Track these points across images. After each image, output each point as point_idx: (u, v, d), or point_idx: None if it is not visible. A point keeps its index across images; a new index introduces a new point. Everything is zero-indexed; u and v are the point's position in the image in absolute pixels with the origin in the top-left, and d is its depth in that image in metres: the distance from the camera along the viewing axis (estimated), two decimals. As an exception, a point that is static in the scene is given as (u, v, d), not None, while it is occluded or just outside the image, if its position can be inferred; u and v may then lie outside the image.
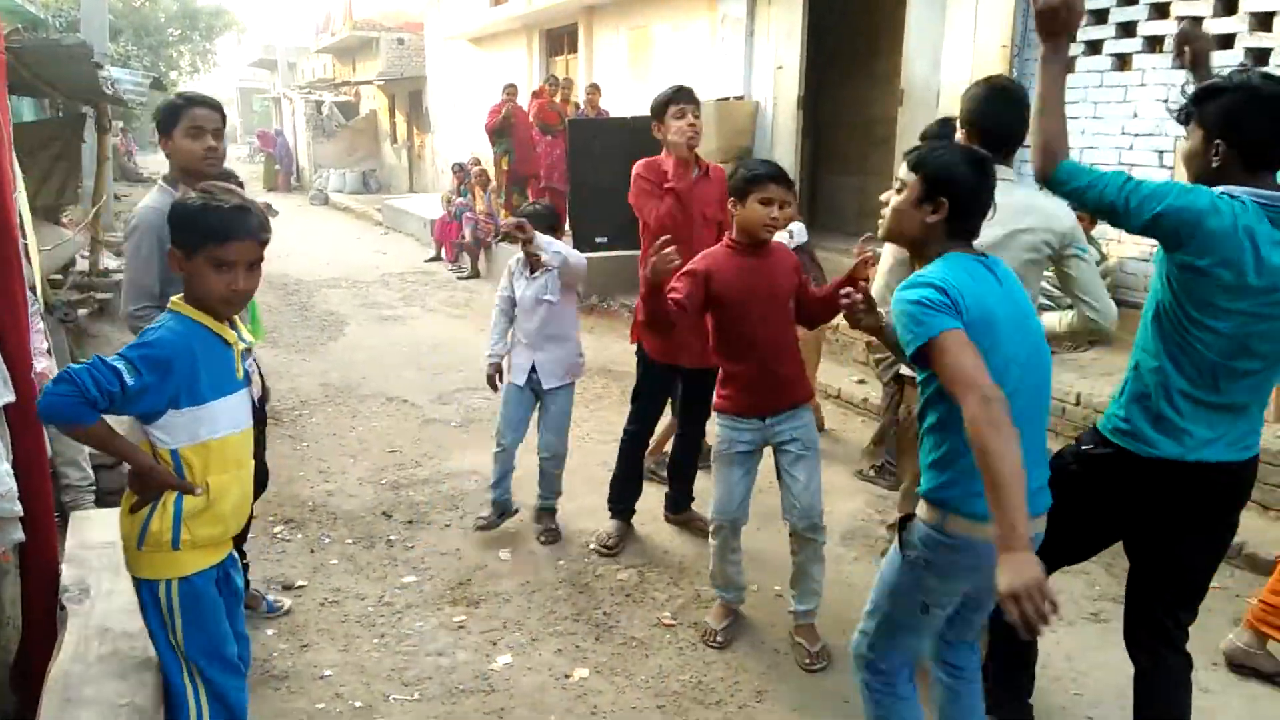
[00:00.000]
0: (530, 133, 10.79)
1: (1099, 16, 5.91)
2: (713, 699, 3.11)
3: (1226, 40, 5.21)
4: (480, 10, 16.10)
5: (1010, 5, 6.32)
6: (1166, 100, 2.41)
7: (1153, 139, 5.61)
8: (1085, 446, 2.49)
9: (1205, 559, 2.45)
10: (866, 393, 6.13)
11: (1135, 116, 5.67)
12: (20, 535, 2.17)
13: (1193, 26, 2.73)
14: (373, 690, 3.15)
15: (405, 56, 23.06)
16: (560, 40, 14.51)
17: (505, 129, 10.67)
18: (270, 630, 3.47)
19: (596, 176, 9.39)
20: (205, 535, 2.18)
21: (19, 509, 2.12)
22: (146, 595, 2.19)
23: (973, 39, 6.63)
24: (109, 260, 8.55)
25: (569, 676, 3.23)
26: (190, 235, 2.14)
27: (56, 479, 3.77)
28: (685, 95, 3.90)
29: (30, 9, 12.89)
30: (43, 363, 3.00)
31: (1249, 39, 5.06)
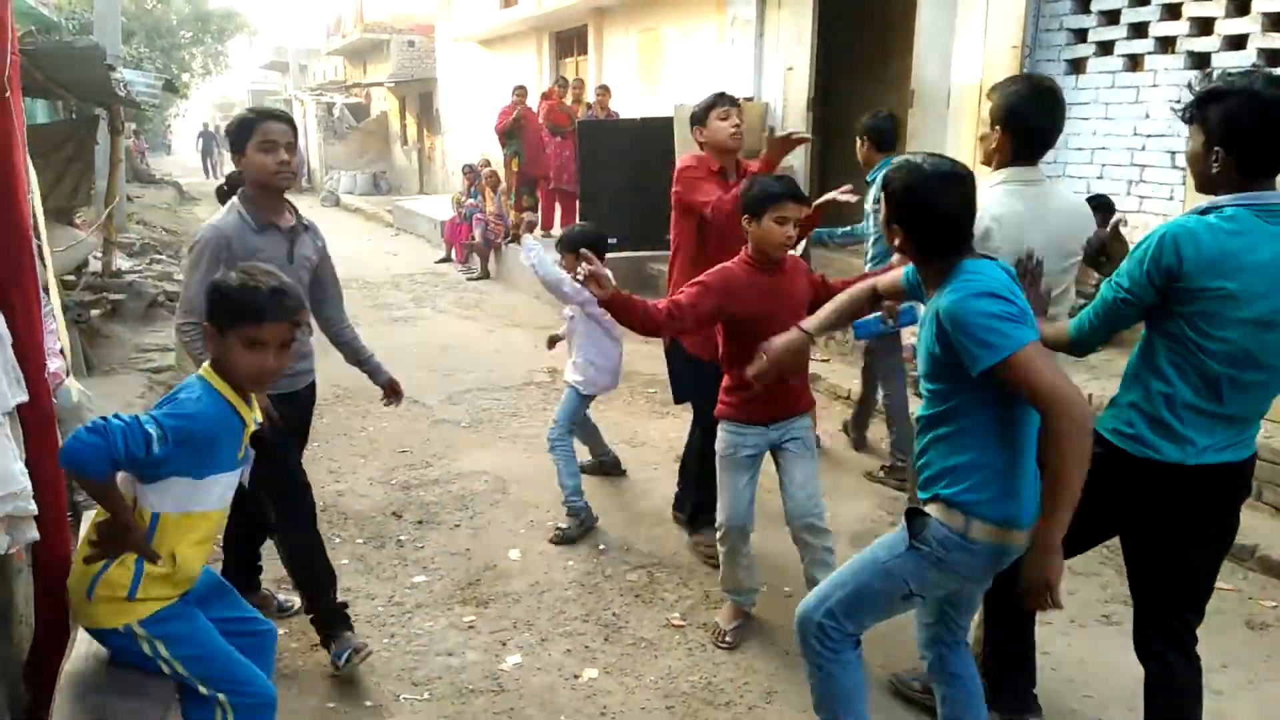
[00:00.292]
0: (540, 134, 10.80)
1: (1111, 18, 5.89)
2: (722, 700, 3.11)
3: (1239, 41, 5.18)
4: (490, 12, 16.14)
5: (1021, 6, 6.30)
6: (1177, 101, 2.39)
7: (1165, 140, 5.58)
8: None
9: (1205, 558, 2.42)
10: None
11: (1147, 118, 5.65)
12: (34, 534, 2.18)
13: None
14: (383, 689, 3.16)
15: (416, 58, 23.12)
16: (570, 42, 14.53)
17: (515, 131, 10.69)
18: (281, 630, 3.47)
19: (606, 178, 9.40)
20: (159, 594, 2.18)
21: (33, 508, 2.12)
22: (113, 642, 2.20)
23: (983, 40, 6.61)
24: (122, 261, 8.60)
25: (578, 677, 3.24)
26: (226, 314, 2.15)
27: (69, 480, 3.79)
28: (729, 99, 3.95)
29: (44, 12, 12.97)
30: (56, 363, 3.02)
31: (1261, 39, 5.03)
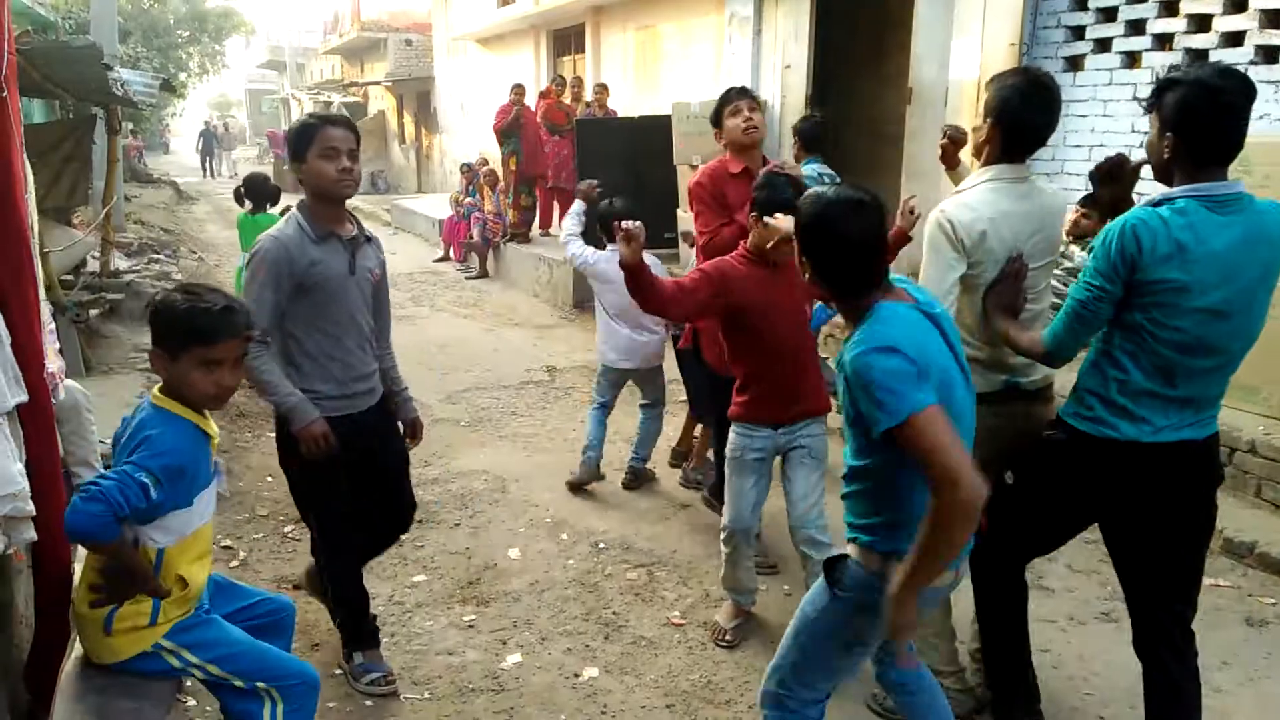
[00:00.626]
0: (538, 133, 10.79)
1: (1108, 14, 5.89)
2: (722, 698, 3.11)
3: (1236, 38, 5.18)
4: (488, 11, 16.12)
5: (1019, 4, 6.29)
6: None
7: (1163, 137, 5.59)
8: (1047, 433, 2.53)
9: (1184, 545, 2.41)
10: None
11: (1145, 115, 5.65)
12: (33, 535, 2.17)
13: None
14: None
15: (413, 57, 23.09)
16: (568, 40, 14.51)
17: (513, 129, 10.67)
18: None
19: (604, 176, 9.33)
20: (177, 613, 2.22)
21: (32, 509, 2.12)
22: (137, 666, 2.20)
23: (981, 38, 6.61)
24: (120, 261, 8.59)
25: (578, 676, 3.24)
26: (177, 337, 2.14)
27: (69, 479, 3.78)
28: (739, 93, 3.80)
29: (40, 11, 12.96)
30: (54, 363, 3.01)
31: (1259, 36, 5.03)
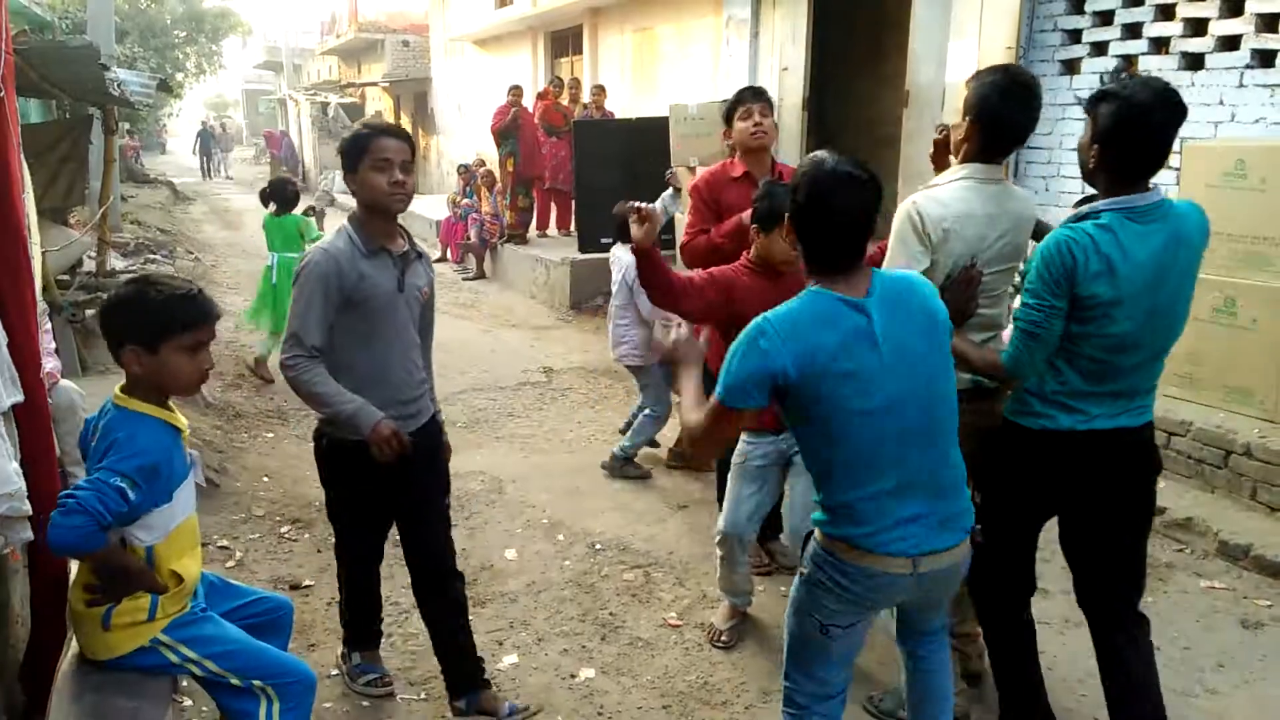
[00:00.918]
0: (536, 134, 10.80)
1: (1104, 18, 5.90)
2: (719, 699, 3.11)
3: (1233, 42, 5.19)
4: (485, 12, 16.12)
5: (1015, 6, 6.31)
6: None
7: (1159, 140, 5.60)
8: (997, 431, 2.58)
9: (1126, 530, 2.50)
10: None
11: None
12: (29, 535, 2.17)
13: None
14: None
15: (410, 58, 23.07)
16: (565, 42, 14.51)
17: (511, 130, 10.68)
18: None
19: (601, 177, 9.39)
20: (175, 608, 2.21)
21: (28, 508, 2.12)
22: (135, 661, 2.20)
23: (978, 40, 6.62)
24: (116, 261, 8.58)
25: (575, 676, 3.24)
26: (157, 330, 2.12)
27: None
28: (750, 94, 3.70)
29: (37, 11, 12.95)
30: (50, 363, 3.01)
31: (1255, 40, 5.05)
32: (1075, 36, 6.11)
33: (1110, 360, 2.33)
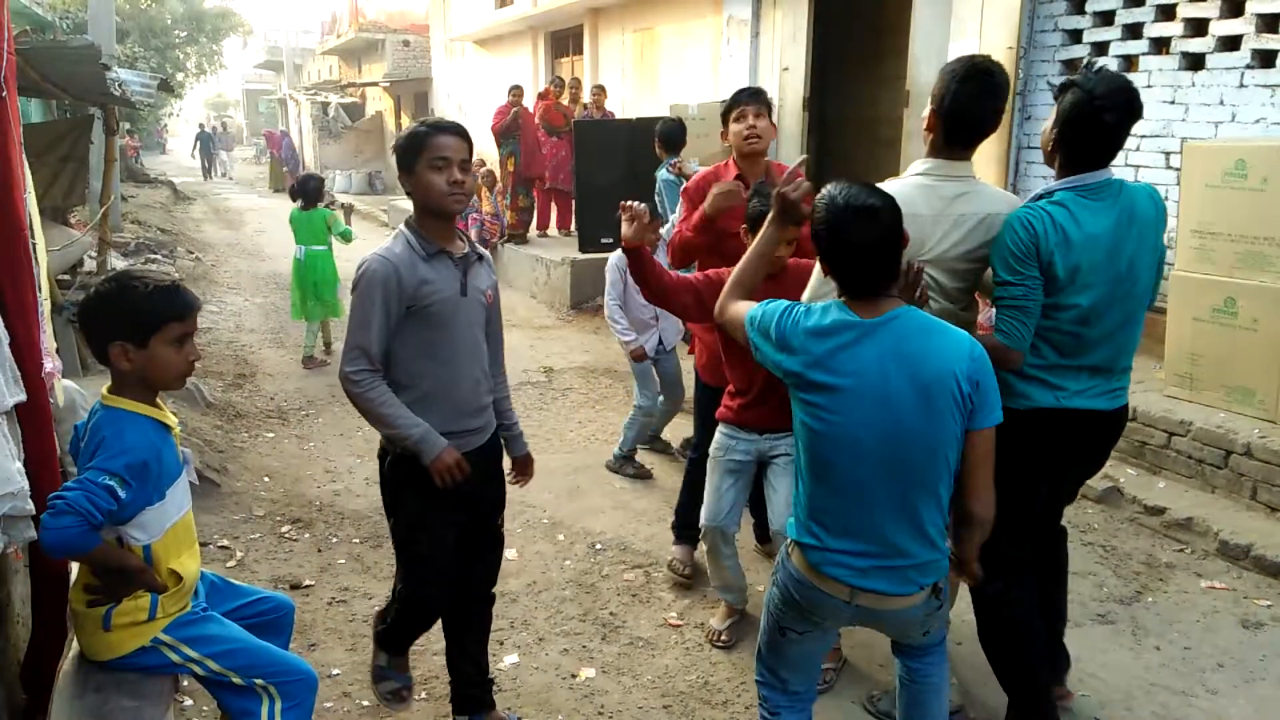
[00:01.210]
0: (536, 134, 10.80)
1: (1105, 19, 5.91)
2: (719, 699, 3.11)
3: (1233, 42, 5.20)
4: (485, 12, 16.14)
5: (1016, 7, 6.32)
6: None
7: (1159, 140, 5.61)
8: None
9: (1080, 483, 2.86)
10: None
11: (1142, 118, 5.66)
12: (32, 534, 2.17)
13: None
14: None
15: (411, 58, 23.10)
16: (565, 42, 14.52)
17: (511, 130, 10.68)
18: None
19: (602, 178, 9.39)
20: (175, 607, 2.22)
21: (31, 507, 2.12)
22: (136, 661, 2.20)
23: (979, 41, 6.63)
24: (116, 261, 8.58)
25: (575, 676, 3.24)
26: (146, 322, 2.12)
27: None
28: (745, 96, 3.57)
29: (38, 11, 12.95)
30: (50, 363, 3.01)
31: (1255, 40, 5.06)
32: (1076, 37, 6.12)
33: (1080, 332, 2.48)
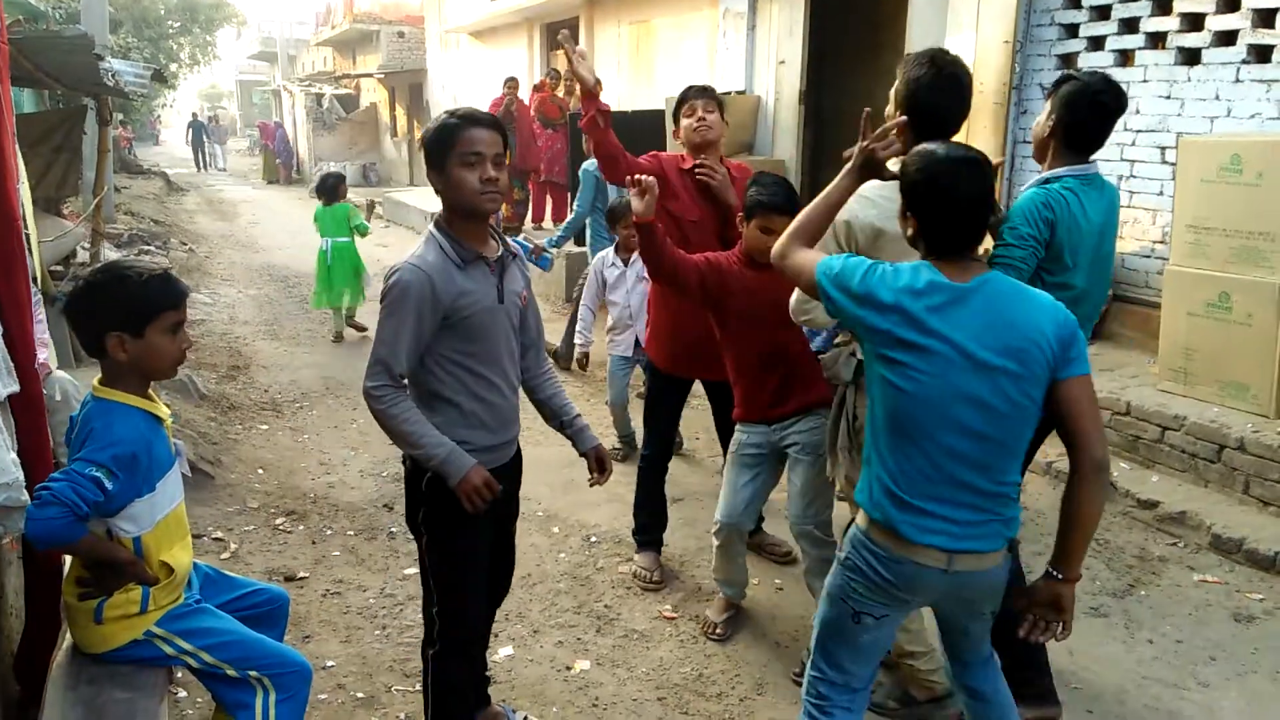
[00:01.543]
0: (531, 126, 10.78)
1: (1102, 13, 5.90)
2: (714, 691, 3.12)
3: (1229, 37, 5.20)
4: (480, 3, 16.07)
5: (1012, 1, 6.31)
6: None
7: (1155, 135, 5.60)
8: None
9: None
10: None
11: (1138, 113, 5.66)
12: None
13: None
14: (375, 682, 3.16)
15: (405, 50, 23.02)
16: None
17: (507, 123, 10.66)
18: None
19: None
20: (167, 600, 2.21)
21: (26, 498, 2.11)
22: (130, 653, 2.20)
23: (975, 35, 6.62)
24: (110, 252, 8.56)
25: (570, 668, 3.24)
26: (141, 311, 2.11)
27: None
28: (694, 91, 3.65)
29: (31, 1, 12.86)
30: (43, 354, 3.00)
31: (1251, 35, 5.05)
32: (1072, 31, 6.11)
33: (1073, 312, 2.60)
